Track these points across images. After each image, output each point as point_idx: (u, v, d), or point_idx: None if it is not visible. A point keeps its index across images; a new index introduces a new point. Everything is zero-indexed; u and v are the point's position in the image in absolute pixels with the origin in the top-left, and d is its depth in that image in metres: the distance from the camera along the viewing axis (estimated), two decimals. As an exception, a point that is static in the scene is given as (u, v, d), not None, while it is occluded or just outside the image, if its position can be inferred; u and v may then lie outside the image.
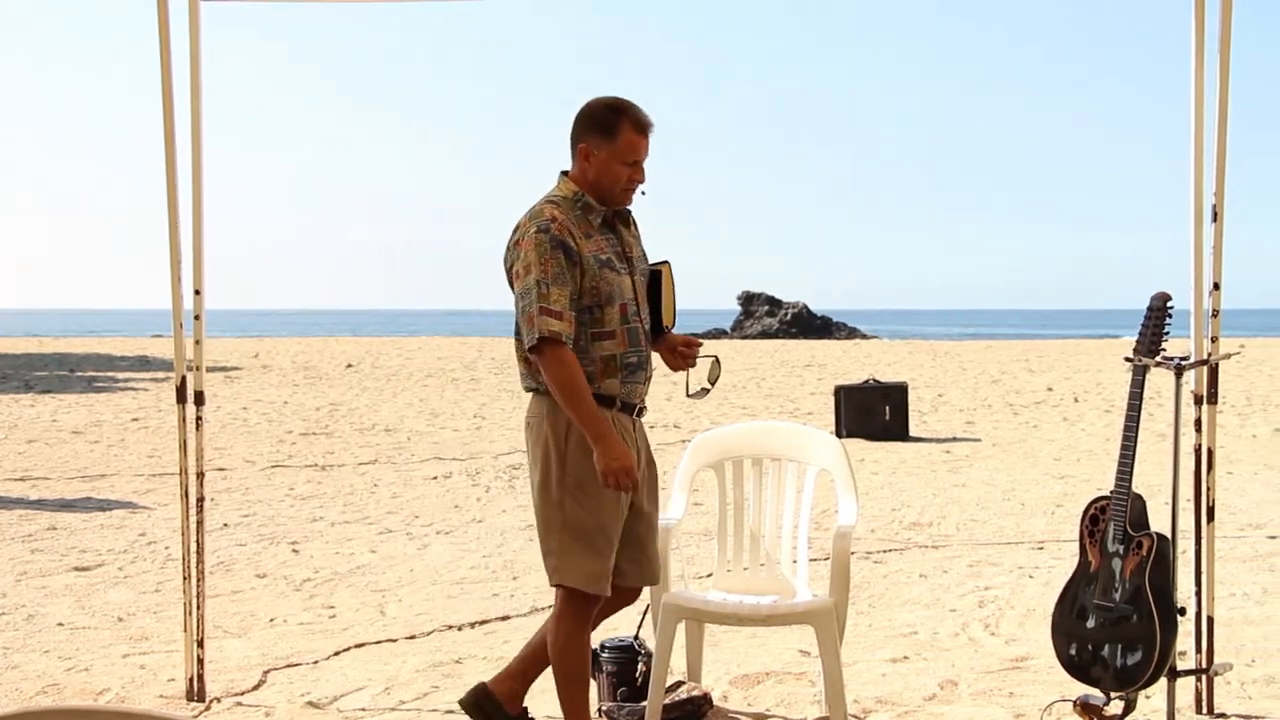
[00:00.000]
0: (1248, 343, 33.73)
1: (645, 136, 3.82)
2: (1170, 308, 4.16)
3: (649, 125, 3.82)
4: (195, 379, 4.66)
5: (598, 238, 3.80)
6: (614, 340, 3.79)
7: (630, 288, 3.84)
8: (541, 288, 3.66)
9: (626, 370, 3.82)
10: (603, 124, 3.79)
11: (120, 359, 29.52)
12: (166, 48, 4.49)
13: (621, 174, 3.80)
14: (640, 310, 3.87)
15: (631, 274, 3.87)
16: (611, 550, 3.81)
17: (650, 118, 3.83)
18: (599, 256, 3.77)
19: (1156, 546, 4.04)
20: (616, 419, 3.81)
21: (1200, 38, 4.32)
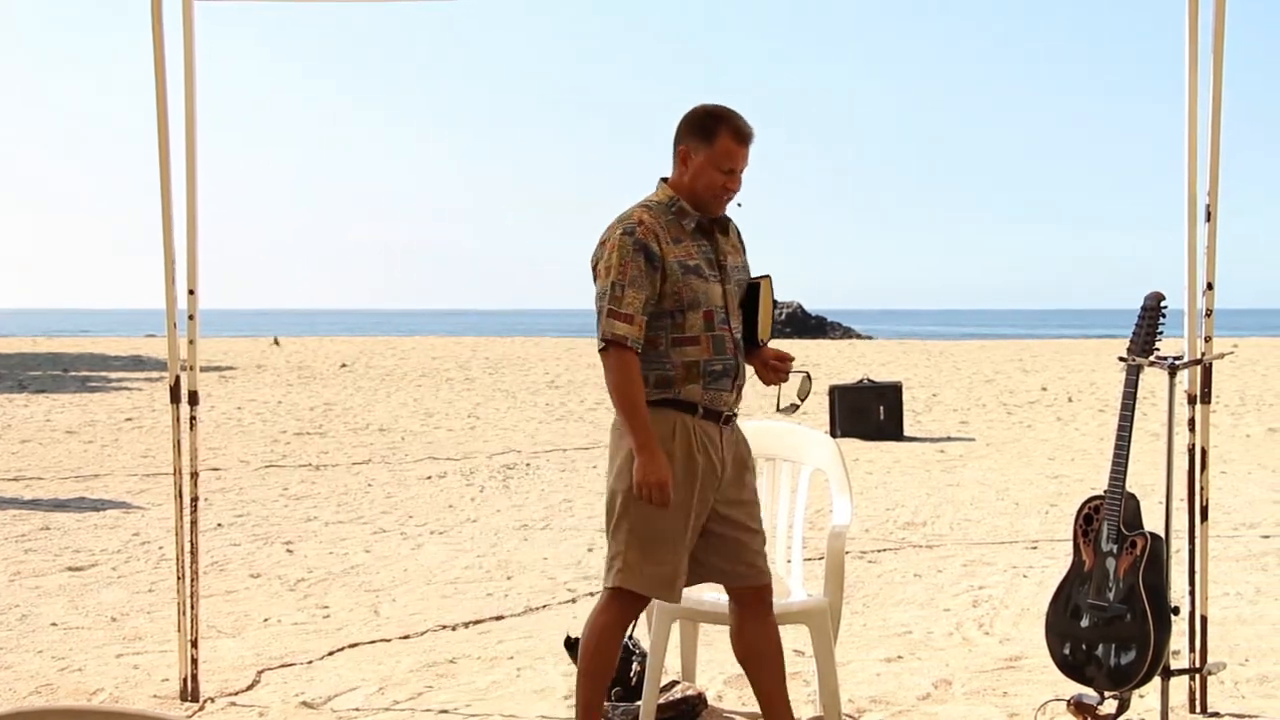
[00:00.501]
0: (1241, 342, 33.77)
1: (744, 146, 3.80)
2: (1164, 307, 4.16)
3: (749, 135, 3.80)
4: (189, 379, 4.65)
5: (688, 243, 3.78)
6: (697, 346, 3.75)
7: (719, 295, 3.78)
8: (616, 290, 3.69)
9: (710, 377, 3.76)
10: (703, 128, 3.79)
11: (114, 359, 29.48)
12: (160, 47, 4.48)
13: (717, 180, 3.78)
14: (730, 319, 3.81)
15: (723, 282, 3.81)
16: (678, 557, 3.76)
17: (751, 129, 3.81)
18: (686, 262, 3.74)
19: (1150, 546, 4.04)
20: (698, 426, 3.77)
21: (1194, 36, 4.32)
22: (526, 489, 10.07)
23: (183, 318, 4.63)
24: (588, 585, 6.62)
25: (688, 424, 3.76)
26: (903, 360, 29.15)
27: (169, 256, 4.57)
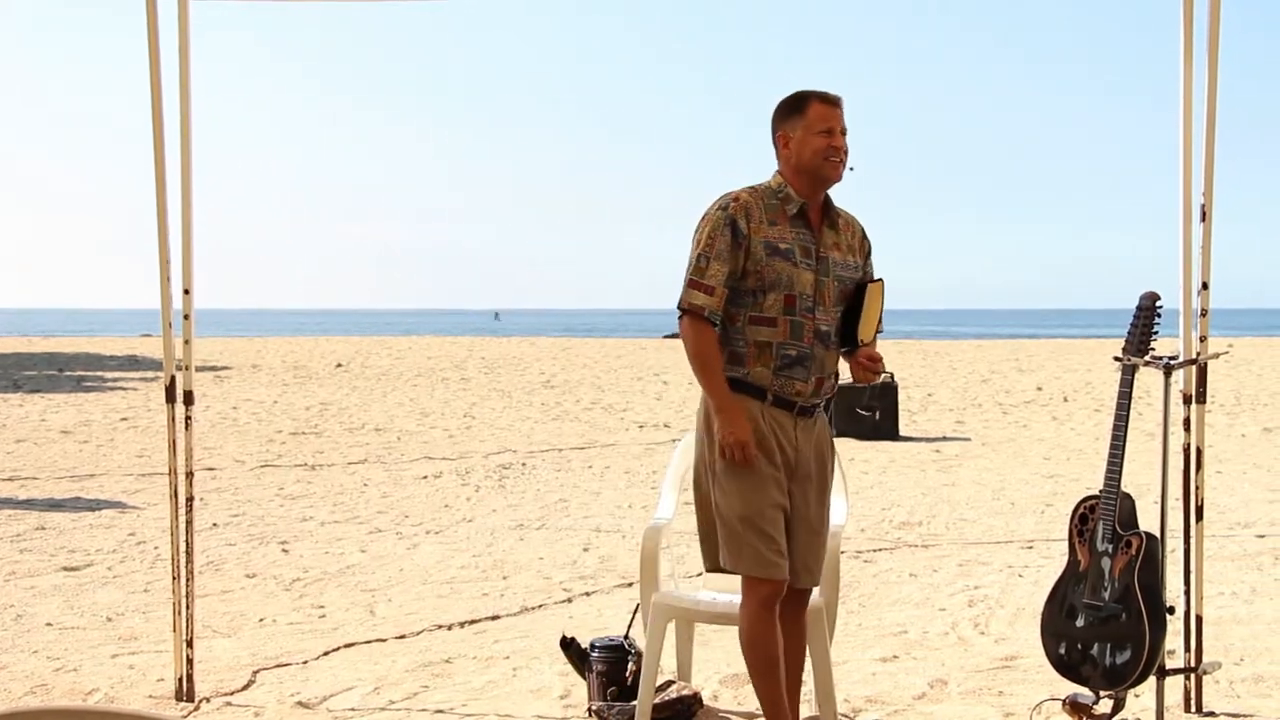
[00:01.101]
0: (1236, 342, 33.82)
1: (835, 107, 3.82)
2: (1159, 307, 4.16)
3: (836, 98, 3.83)
4: (184, 378, 4.65)
5: (784, 227, 3.79)
6: (773, 328, 3.75)
7: (808, 283, 3.76)
8: (701, 261, 3.76)
9: (782, 362, 3.75)
10: (792, 106, 3.84)
11: (109, 358, 29.45)
12: (155, 47, 4.48)
13: (820, 144, 3.78)
14: (817, 309, 3.77)
15: (817, 272, 3.78)
16: (771, 535, 3.74)
17: (829, 91, 3.85)
18: (776, 244, 3.75)
19: (1145, 546, 4.05)
20: (768, 413, 3.77)
21: (1189, 38, 4.33)
22: (522, 489, 10.07)
23: (178, 317, 4.63)
24: (583, 585, 6.62)
25: (756, 409, 3.77)
26: (898, 360, 29.15)
27: (164, 256, 4.57)
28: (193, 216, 4.58)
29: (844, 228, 3.92)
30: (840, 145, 3.80)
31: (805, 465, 3.83)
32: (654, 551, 4.44)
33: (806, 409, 3.82)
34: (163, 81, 4.50)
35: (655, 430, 14.22)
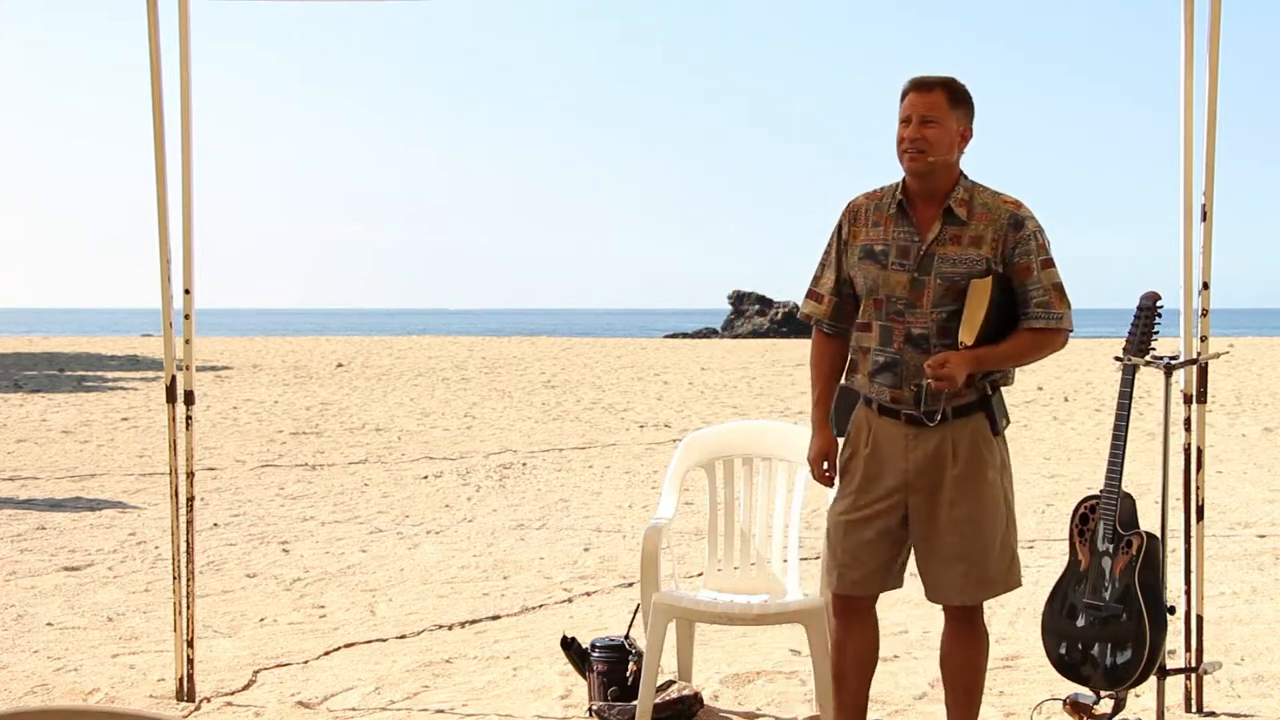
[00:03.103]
0: (1237, 342, 33.82)
1: (914, 93, 3.64)
2: (1160, 307, 4.16)
3: (918, 81, 3.65)
4: (185, 378, 4.65)
5: (887, 227, 3.67)
6: (869, 333, 3.69)
7: (900, 285, 3.61)
8: (818, 269, 3.83)
9: (874, 367, 3.67)
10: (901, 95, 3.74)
11: (110, 358, 29.46)
12: (156, 49, 4.49)
13: (899, 135, 3.66)
14: (910, 311, 3.60)
15: (913, 271, 3.60)
16: (839, 550, 3.73)
17: (926, 77, 3.65)
18: (871, 246, 3.67)
19: (1146, 545, 4.04)
20: (873, 421, 3.70)
21: (1189, 38, 4.32)
22: (523, 489, 10.07)
23: (179, 317, 4.63)
24: (584, 585, 6.62)
25: (863, 417, 3.74)
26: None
27: (165, 256, 4.57)
28: (193, 216, 4.59)
29: (978, 218, 3.61)
30: (910, 135, 3.60)
31: (920, 477, 3.62)
32: (655, 551, 4.45)
33: (914, 418, 3.62)
34: (163, 82, 4.51)
35: (656, 430, 14.22)
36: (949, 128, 3.61)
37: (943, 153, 3.61)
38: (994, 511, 3.64)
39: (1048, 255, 3.64)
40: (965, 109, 3.67)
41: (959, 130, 3.64)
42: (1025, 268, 3.60)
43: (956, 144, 3.64)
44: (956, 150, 3.65)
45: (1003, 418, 3.69)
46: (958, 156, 3.67)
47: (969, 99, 3.69)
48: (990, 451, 3.64)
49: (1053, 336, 3.65)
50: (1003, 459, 3.69)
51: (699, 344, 41.65)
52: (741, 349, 35.70)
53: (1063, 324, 3.63)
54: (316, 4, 5.38)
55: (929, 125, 3.59)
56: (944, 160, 3.62)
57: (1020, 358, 3.66)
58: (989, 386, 3.65)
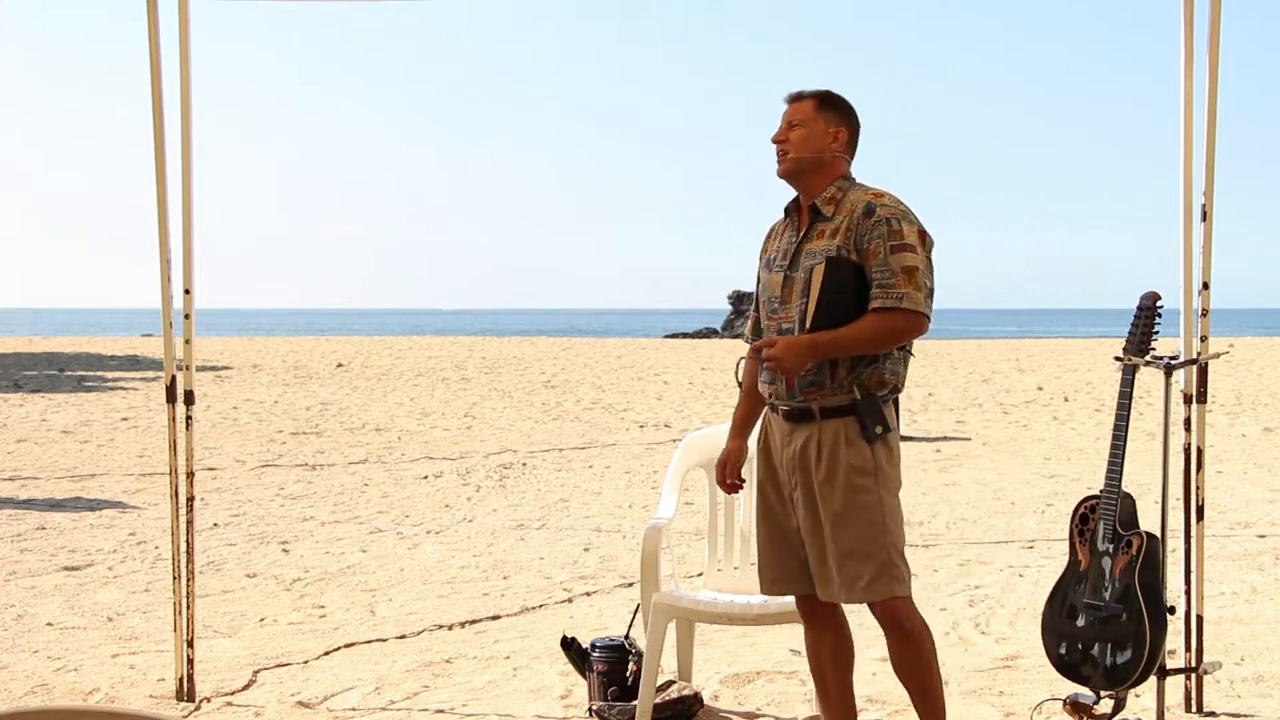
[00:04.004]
0: (1237, 342, 33.83)
1: (788, 103, 3.79)
2: (1160, 307, 4.16)
3: (791, 95, 3.80)
4: (185, 378, 4.65)
5: (784, 235, 3.80)
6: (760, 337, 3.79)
7: (776, 285, 3.70)
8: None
9: (763, 368, 3.72)
10: None
11: (110, 358, 29.46)
12: (156, 49, 4.49)
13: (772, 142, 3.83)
14: (782, 308, 3.68)
15: (787, 270, 3.69)
16: (759, 550, 3.83)
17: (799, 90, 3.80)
18: (769, 258, 3.81)
19: (1146, 545, 4.04)
20: (768, 418, 3.81)
21: (1189, 38, 4.32)
22: (523, 489, 10.07)
23: (179, 317, 4.63)
24: (584, 585, 6.62)
25: (767, 418, 3.83)
26: (899, 360, 29.14)
27: (164, 256, 4.57)
28: (193, 216, 4.59)
29: (842, 213, 3.65)
30: (775, 138, 3.77)
31: (793, 475, 3.68)
32: (655, 551, 4.45)
33: (790, 412, 3.67)
34: (163, 82, 4.51)
35: (656, 430, 14.22)
36: (815, 129, 3.73)
37: (806, 151, 3.71)
38: (862, 517, 3.59)
39: (902, 241, 3.58)
40: (837, 114, 3.77)
41: (830, 131, 3.73)
42: (873, 252, 3.59)
43: (828, 145, 3.73)
44: (829, 151, 3.72)
45: (877, 423, 3.58)
46: (832, 157, 3.73)
47: (844, 106, 3.80)
48: (858, 456, 3.58)
49: (895, 318, 3.54)
50: (877, 464, 3.59)
51: (699, 344, 41.67)
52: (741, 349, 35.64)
53: (902, 303, 3.53)
54: (316, 4, 5.38)
55: (793, 129, 3.75)
56: (811, 159, 3.72)
57: (864, 341, 3.55)
58: (858, 389, 3.59)
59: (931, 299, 3.62)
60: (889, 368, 3.62)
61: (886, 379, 3.62)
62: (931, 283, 3.62)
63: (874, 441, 3.59)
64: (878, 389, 3.60)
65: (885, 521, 3.61)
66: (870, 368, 3.59)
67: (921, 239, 3.62)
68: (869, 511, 3.59)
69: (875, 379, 3.60)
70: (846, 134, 3.75)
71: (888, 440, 3.62)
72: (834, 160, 3.73)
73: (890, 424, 3.62)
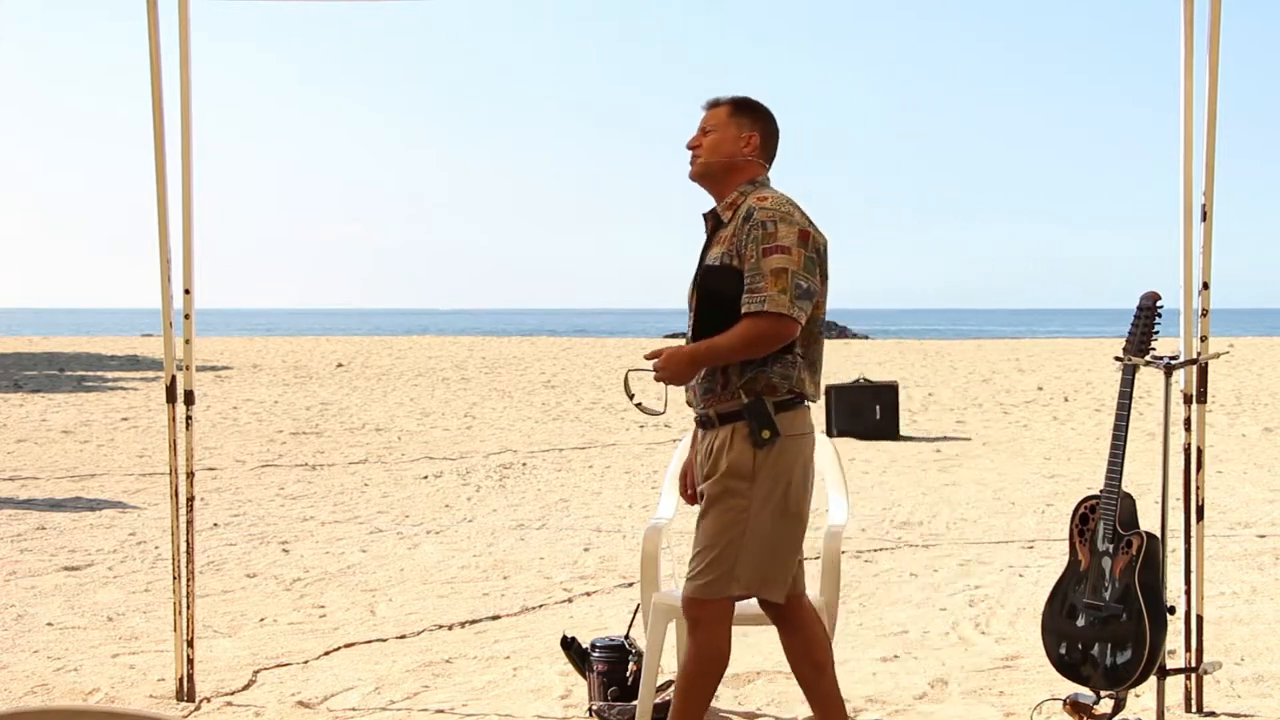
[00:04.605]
0: (1237, 342, 33.84)
1: (704, 110, 3.81)
2: (1160, 307, 4.16)
3: (708, 102, 3.81)
4: (185, 378, 4.65)
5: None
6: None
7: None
8: None
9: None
10: None
11: (110, 358, 29.47)
12: (156, 49, 4.49)
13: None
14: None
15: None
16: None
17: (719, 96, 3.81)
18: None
19: (1146, 545, 4.05)
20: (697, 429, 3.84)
21: (1189, 38, 4.33)
22: (523, 489, 10.07)
23: (179, 317, 4.63)
24: (584, 585, 6.63)
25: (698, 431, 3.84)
26: (899, 360, 29.16)
27: (165, 256, 4.57)
28: (193, 216, 4.59)
29: (738, 217, 3.64)
30: (689, 144, 3.79)
31: (701, 478, 3.72)
32: (654, 551, 4.45)
33: (698, 420, 3.75)
34: (163, 82, 4.51)
35: (656, 430, 14.21)
36: (728, 134, 3.74)
37: (716, 156, 3.73)
38: (724, 518, 3.59)
39: (774, 244, 3.53)
40: (751, 119, 3.77)
41: (743, 136, 3.74)
42: (747, 257, 3.56)
43: (739, 150, 3.73)
44: (740, 155, 3.72)
45: (764, 428, 3.55)
46: (744, 162, 3.72)
47: (759, 112, 3.80)
48: (739, 459, 3.58)
49: (759, 323, 3.51)
50: (757, 470, 3.57)
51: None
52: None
53: (765, 307, 3.49)
54: (316, 4, 5.38)
55: (706, 134, 3.76)
56: (721, 163, 3.73)
57: (736, 348, 3.54)
58: (745, 394, 3.58)
59: (806, 299, 3.54)
60: (777, 371, 3.58)
61: (775, 384, 3.58)
62: (808, 283, 3.55)
63: (761, 446, 3.56)
64: (768, 394, 3.58)
65: (745, 528, 3.58)
66: (756, 372, 3.57)
67: (802, 239, 3.56)
68: (731, 513, 3.59)
69: (763, 383, 3.58)
70: (759, 139, 3.74)
71: (776, 446, 3.57)
72: (745, 165, 3.73)
73: (779, 429, 3.57)
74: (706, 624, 3.67)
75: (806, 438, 3.67)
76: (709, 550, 3.63)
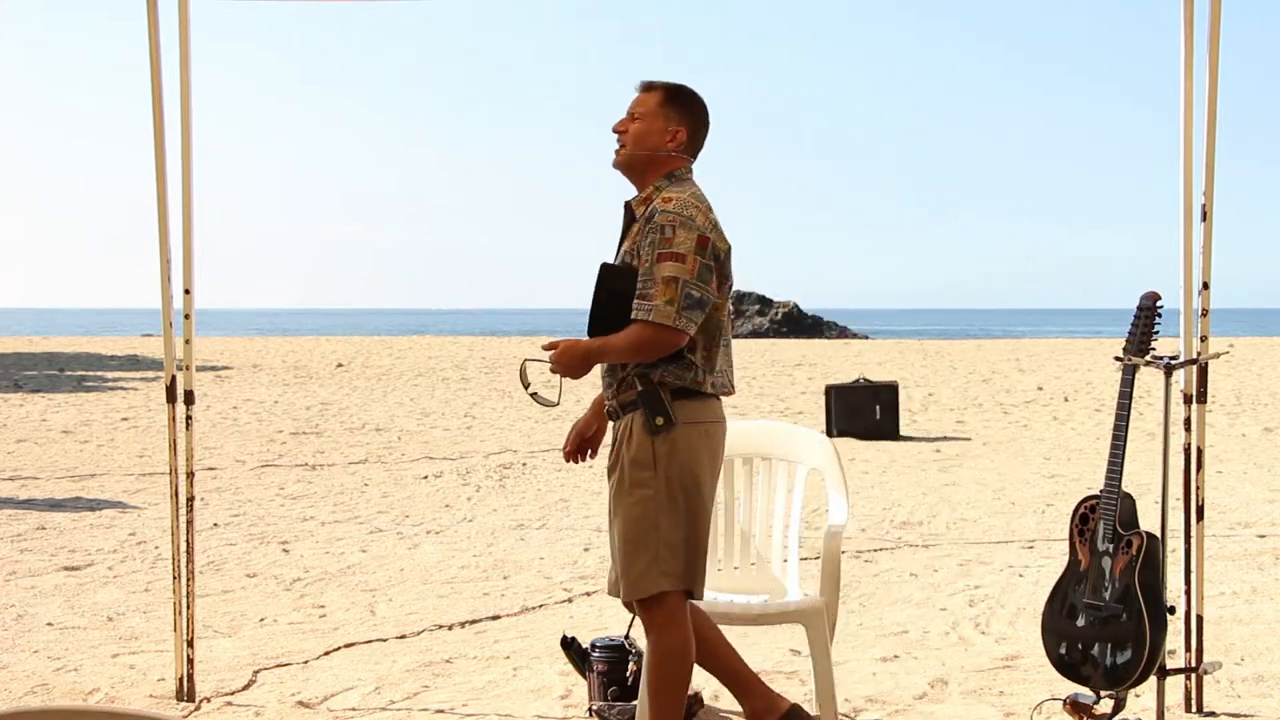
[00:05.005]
0: (1237, 342, 33.83)
1: (638, 92, 3.76)
2: (1160, 307, 4.17)
3: (642, 84, 3.76)
4: (185, 378, 4.65)
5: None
6: None
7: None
8: None
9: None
10: None
11: (110, 358, 29.46)
12: (156, 49, 4.49)
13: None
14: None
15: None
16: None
17: (654, 80, 3.75)
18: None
19: (1146, 545, 4.05)
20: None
21: (1189, 38, 4.33)
22: (523, 489, 10.07)
23: (179, 317, 4.63)
24: (584, 585, 6.62)
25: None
26: (899, 360, 29.17)
27: (165, 256, 4.57)
28: (193, 216, 4.59)
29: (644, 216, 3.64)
30: (614, 127, 3.74)
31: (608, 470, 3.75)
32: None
33: (607, 412, 3.80)
34: (163, 82, 4.51)
35: (656, 430, 14.21)
36: (654, 125, 3.68)
37: (640, 148, 3.68)
38: (635, 510, 3.62)
39: (669, 249, 3.51)
40: (681, 112, 3.71)
41: (669, 130, 3.68)
42: (644, 260, 3.56)
43: (664, 144, 3.68)
44: (663, 149, 3.68)
45: (657, 415, 3.57)
46: (666, 156, 3.68)
47: (691, 105, 3.73)
48: (641, 450, 3.60)
49: (646, 331, 3.51)
50: (656, 457, 3.59)
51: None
52: (741, 349, 35.70)
53: (650, 317, 3.48)
54: (316, 4, 5.38)
55: (634, 120, 3.71)
56: (644, 156, 3.68)
57: (625, 351, 3.56)
58: (640, 382, 3.60)
59: (697, 309, 3.52)
60: (672, 370, 3.60)
61: (668, 380, 3.60)
62: (701, 293, 3.52)
63: (655, 434, 3.58)
64: (664, 383, 3.60)
65: (656, 517, 3.59)
66: (650, 367, 3.60)
67: (700, 246, 3.52)
68: (640, 505, 3.60)
69: (658, 375, 3.60)
70: (686, 134, 3.70)
71: (674, 434, 3.58)
72: (667, 160, 3.68)
73: (673, 417, 3.58)
74: (660, 623, 3.67)
75: (710, 427, 3.67)
76: (626, 545, 3.65)
